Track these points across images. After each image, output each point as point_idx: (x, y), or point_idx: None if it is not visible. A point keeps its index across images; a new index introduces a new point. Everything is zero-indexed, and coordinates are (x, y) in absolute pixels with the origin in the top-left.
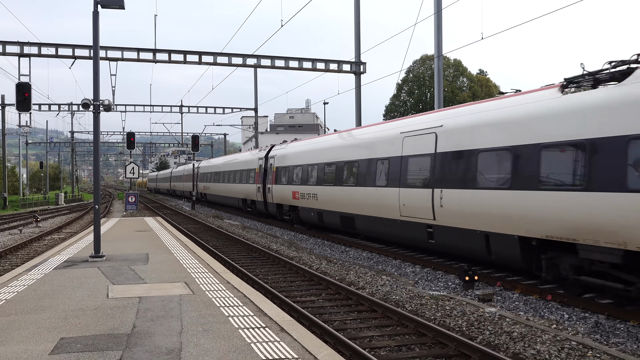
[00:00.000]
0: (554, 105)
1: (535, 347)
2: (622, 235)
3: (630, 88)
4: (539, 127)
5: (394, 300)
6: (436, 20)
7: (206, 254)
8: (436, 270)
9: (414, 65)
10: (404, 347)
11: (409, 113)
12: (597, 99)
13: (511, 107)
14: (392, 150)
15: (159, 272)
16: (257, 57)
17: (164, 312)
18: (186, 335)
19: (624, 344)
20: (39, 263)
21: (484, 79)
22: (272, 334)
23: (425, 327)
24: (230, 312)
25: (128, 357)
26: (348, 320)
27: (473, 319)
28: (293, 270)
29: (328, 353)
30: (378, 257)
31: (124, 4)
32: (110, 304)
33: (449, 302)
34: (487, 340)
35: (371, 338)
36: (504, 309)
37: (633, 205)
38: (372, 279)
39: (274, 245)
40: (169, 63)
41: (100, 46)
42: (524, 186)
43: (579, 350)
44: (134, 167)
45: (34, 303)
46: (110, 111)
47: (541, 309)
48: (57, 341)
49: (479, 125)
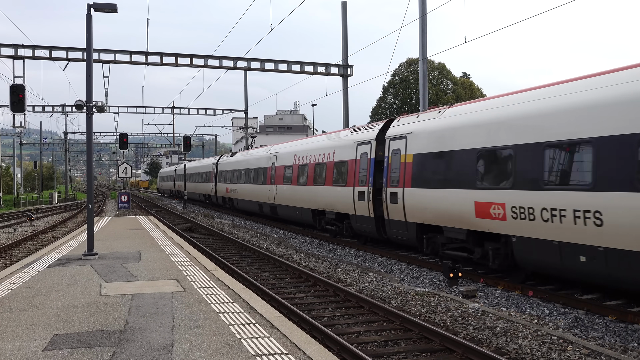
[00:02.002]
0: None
1: (517, 341)
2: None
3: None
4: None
5: (380, 297)
6: (421, 24)
7: (197, 251)
8: (421, 268)
9: (399, 68)
10: (390, 342)
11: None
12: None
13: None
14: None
15: (151, 270)
16: (247, 60)
17: (156, 309)
18: (178, 332)
19: (602, 338)
20: (33, 261)
21: (467, 82)
22: (262, 329)
23: (410, 323)
24: (220, 309)
25: (120, 353)
26: (336, 316)
27: (457, 315)
28: (282, 267)
29: (316, 348)
30: (365, 255)
31: (117, 7)
32: (103, 301)
33: (434, 298)
34: (470, 335)
35: (358, 333)
36: (487, 304)
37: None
38: (360, 276)
39: (264, 243)
40: (161, 65)
41: (93, 49)
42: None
43: (559, 344)
44: (126, 167)
45: (27, 300)
46: (103, 112)
47: (523, 305)
48: (50, 338)
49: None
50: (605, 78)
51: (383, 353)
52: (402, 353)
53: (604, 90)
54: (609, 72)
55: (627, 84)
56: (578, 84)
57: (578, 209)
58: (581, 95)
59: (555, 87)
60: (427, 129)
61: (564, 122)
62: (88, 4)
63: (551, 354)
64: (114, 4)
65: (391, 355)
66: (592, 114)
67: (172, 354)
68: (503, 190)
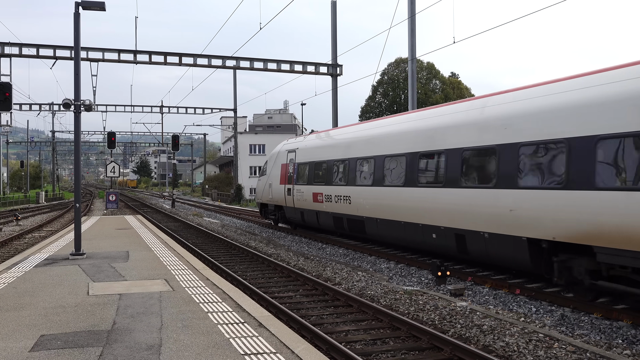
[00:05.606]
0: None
1: (505, 339)
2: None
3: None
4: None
5: (369, 296)
6: (410, 24)
7: (186, 251)
8: (410, 266)
9: (388, 68)
10: (379, 341)
11: (384, 114)
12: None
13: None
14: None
15: (139, 270)
16: (237, 59)
17: (144, 309)
18: (166, 331)
19: (588, 335)
20: (19, 261)
21: (456, 82)
22: (251, 329)
23: (399, 321)
24: (209, 308)
25: (108, 354)
26: (325, 315)
27: (445, 313)
28: (271, 266)
29: (305, 347)
30: (354, 254)
31: (105, 6)
32: (90, 301)
33: (422, 296)
34: (458, 333)
35: (347, 332)
36: (474, 303)
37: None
38: (348, 275)
39: (253, 242)
40: (149, 64)
41: (81, 47)
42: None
43: (545, 342)
44: (114, 166)
45: (14, 301)
46: (91, 111)
47: (510, 303)
48: (37, 338)
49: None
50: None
51: (372, 351)
52: (391, 351)
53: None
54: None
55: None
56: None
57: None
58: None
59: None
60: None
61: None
62: (76, 2)
63: (538, 352)
64: (102, 2)
65: (379, 353)
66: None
67: (160, 354)
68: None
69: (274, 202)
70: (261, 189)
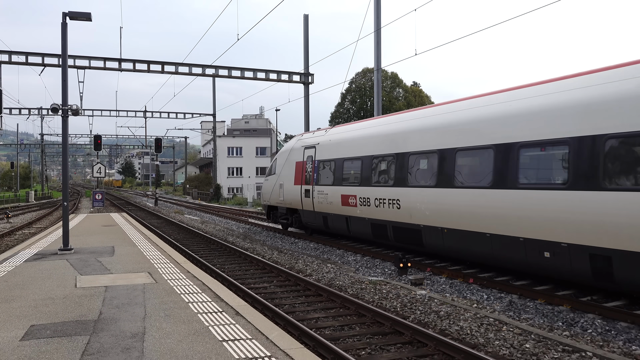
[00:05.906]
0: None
1: (459, 323)
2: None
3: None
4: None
5: (337, 286)
6: (376, 37)
7: (168, 246)
8: (374, 259)
9: (356, 77)
10: (346, 327)
11: (352, 120)
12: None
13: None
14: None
15: (124, 263)
16: (216, 68)
17: (129, 300)
18: (149, 321)
19: (532, 319)
20: (10, 256)
21: (417, 90)
22: (228, 317)
23: (364, 309)
24: (190, 299)
25: (95, 342)
26: (297, 304)
27: (406, 301)
28: (247, 260)
29: (279, 333)
30: (324, 248)
31: (91, 16)
32: (78, 293)
33: (386, 286)
34: (418, 319)
35: (317, 319)
36: (432, 291)
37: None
38: (318, 267)
39: (231, 237)
40: (133, 72)
41: (68, 55)
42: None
43: (495, 325)
44: (100, 167)
45: (5, 293)
46: (78, 115)
47: (464, 291)
48: (27, 328)
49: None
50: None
51: (339, 336)
52: (357, 336)
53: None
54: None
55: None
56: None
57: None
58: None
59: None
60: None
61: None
62: (63, 12)
63: (488, 334)
64: (88, 12)
65: (347, 338)
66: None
67: (144, 341)
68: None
69: (286, 204)
70: (269, 190)
